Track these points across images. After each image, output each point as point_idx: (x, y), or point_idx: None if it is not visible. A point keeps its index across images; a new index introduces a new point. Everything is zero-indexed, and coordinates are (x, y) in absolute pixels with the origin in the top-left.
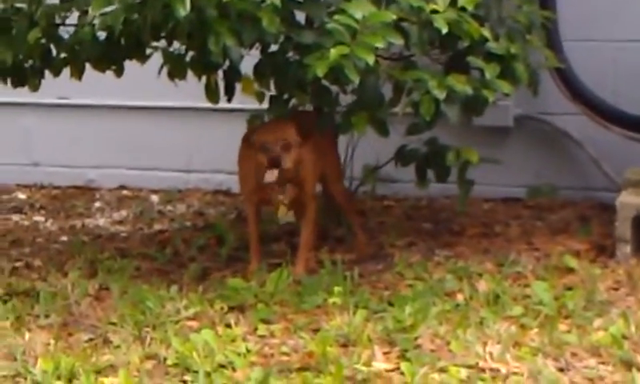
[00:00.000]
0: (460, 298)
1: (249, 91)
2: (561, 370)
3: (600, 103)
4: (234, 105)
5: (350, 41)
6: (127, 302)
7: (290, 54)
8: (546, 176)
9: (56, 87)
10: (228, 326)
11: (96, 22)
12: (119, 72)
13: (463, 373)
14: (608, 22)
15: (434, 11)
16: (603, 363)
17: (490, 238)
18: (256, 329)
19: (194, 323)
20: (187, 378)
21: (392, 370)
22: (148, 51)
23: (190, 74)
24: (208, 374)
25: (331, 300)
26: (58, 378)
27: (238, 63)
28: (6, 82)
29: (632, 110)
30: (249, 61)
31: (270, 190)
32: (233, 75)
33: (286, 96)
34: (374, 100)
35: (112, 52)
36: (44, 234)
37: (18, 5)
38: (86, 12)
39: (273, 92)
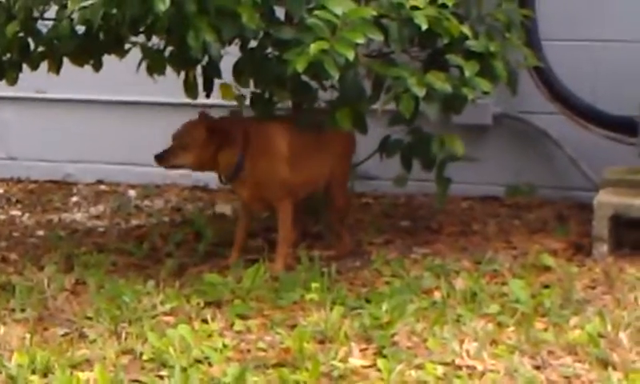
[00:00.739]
0: (437, 295)
1: (228, 97)
2: (537, 367)
3: (579, 103)
4: (212, 100)
5: (330, 36)
6: (103, 296)
7: (270, 50)
8: (525, 175)
9: (34, 81)
10: (204, 321)
11: (75, 16)
12: (97, 66)
13: (440, 370)
14: (587, 22)
15: (415, 8)
16: (579, 361)
17: (468, 236)
18: (233, 324)
19: (170, 318)
20: (163, 373)
21: (369, 367)
22: (127, 46)
23: (168, 69)
24: (184, 370)
25: (308, 296)
26: (33, 372)
27: (217, 59)
28: None
29: (610, 109)
30: (227, 59)
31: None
32: (212, 71)
33: (266, 94)
34: (354, 94)
35: (90, 46)
36: (20, 228)
37: None
38: (65, 6)
39: (252, 90)
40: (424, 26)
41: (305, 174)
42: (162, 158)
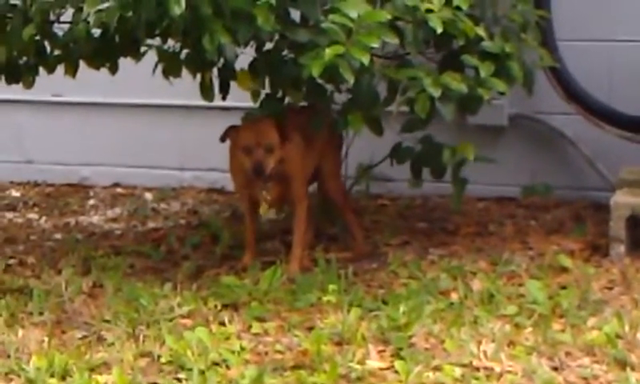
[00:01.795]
0: (454, 296)
1: (244, 85)
2: (555, 368)
3: (595, 103)
4: (228, 103)
5: (345, 40)
6: (121, 299)
7: (285, 52)
8: (541, 175)
9: (50, 84)
10: (222, 323)
11: (91, 19)
12: (113, 69)
13: (457, 371)
14: (603, 22)
15: (429, 10)
16: (597, 362)
17: (484, 237)
18: (250, 327)
19: (187, 321)
20: (181, 375)
21: (386, 369)
22: (142, 49)
23: (184, 71)
24: (202, 372)
25: (325, 298)
26: (52, 376)
27: (232, 61)
28: (0, 79)
29: (626, 109)
30: (244, 59)
31: (257, 188)
32: (227, 73)
33: (279, 94)
34: (368, 99)
35: (106, 49)
36: (38, 232)
37: (13, 1)
38: (81, 9)
39: (267, 90)
40: (439, 30)
41: (307, 171)
42: (258, 171)
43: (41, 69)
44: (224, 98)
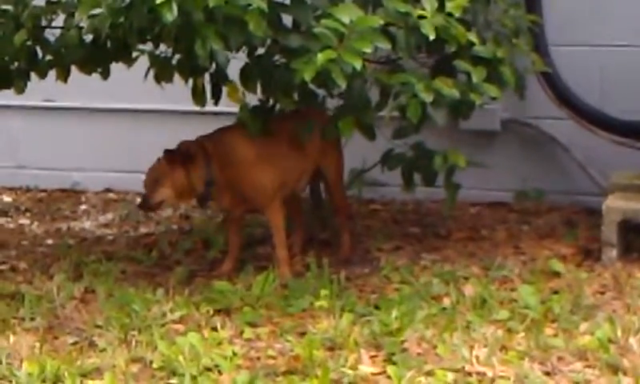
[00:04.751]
0: (446, 301)
1: (234, 98)
2: (547, 373)
3: (586, 108)
4: (220, 108)
5: (338, 45)
6: (113, 304)
7: (277, 57)
8: (533, 180)
9: (42, 90)
10: (214, 329)
11: (83, 24)
12: (105, 75)
13: (450, 376)
14: (594, 27)
15: (422, 16)
16: (589, 367)
17: (477, 242)
18: (242, 332)
19: (179, 326)
20: (173, 381)
21: (378, 374)
22: (134, 54)
23: (176, 77)
24: (194, 378)
25: (318, 303)
26: (44, 381)
27: (224, 67)
28: None
29: (618, 114)
30: (235, 64)
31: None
32: (219, 79)
33: (270, 103)
34: (360, 104)
35: (98, 55)
36: (29, 237)
37: (4, 7)
38: (73, 15)
39: (259, 96)
40: (431, 36)
41: (281, 174)
42: (142, 204)
43: (32, 74)
44: (216, 104)
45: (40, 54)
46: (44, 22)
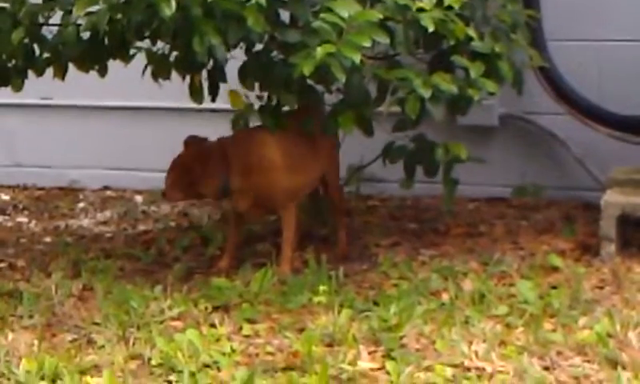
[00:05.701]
0: (445, 297)
1: (237, 104)
2: (546, 368)
3: (584, 103)
4: (218, 105)
5: (336, 39)
6: (111, 302)
7: (275, 53)
8: (531, 175)
9: (39, 87)
10: (212, 325)
11: (80, 21)
12: (103, 72)
13: (449, 372)
14: (592, 22)
15: (421, 10)
16: (588, 362)
17: (475, 237)
18: (241, 328)
19: (178, 323)
20: (172, 378)
21: (377, 370)
22: (132, 51)
23: (174, 74)
24: (192, 374)
25: (316, 299)
26: (42, 379)
27: (222, 63)
28: None
29: (616, 109)
30: (233, 64)
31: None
32: (217, 75)
33: (274, 102)
34: (359, 99)
35: (95, 52)
36: (27, 235)
37: (1, 4)
38: (70, 12)
39: (258, 94)
40: (430, 28)
41: (302, 177)
42: (164, 194)
43: (30, 72)
44: (213, 100)
45: (37, 52)
46: (41, 20)
